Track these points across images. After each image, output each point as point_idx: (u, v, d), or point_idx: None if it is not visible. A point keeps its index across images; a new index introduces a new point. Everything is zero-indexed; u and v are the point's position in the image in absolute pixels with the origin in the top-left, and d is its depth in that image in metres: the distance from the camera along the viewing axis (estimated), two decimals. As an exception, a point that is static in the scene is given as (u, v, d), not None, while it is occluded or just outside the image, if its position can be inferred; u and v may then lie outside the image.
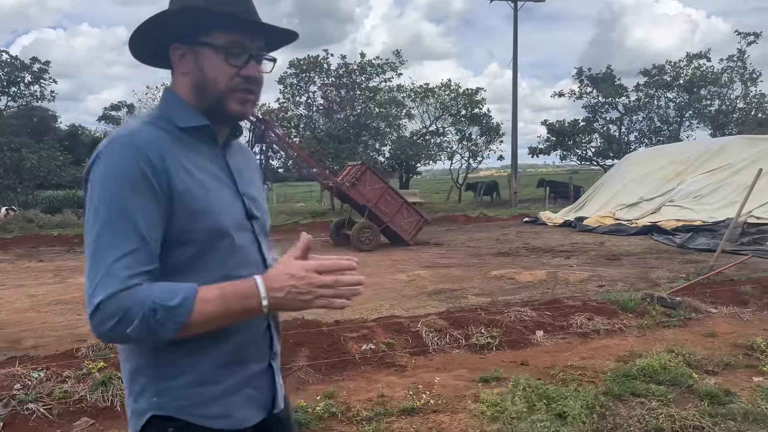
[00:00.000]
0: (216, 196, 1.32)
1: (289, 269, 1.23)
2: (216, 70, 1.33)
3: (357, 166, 13.88)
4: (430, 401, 4.05)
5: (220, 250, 1.31)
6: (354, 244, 13.29)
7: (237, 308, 1.21)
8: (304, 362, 4.84)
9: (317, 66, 28.52)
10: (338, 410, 3.94)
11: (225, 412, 1.34)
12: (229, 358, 1.33)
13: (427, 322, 5.68)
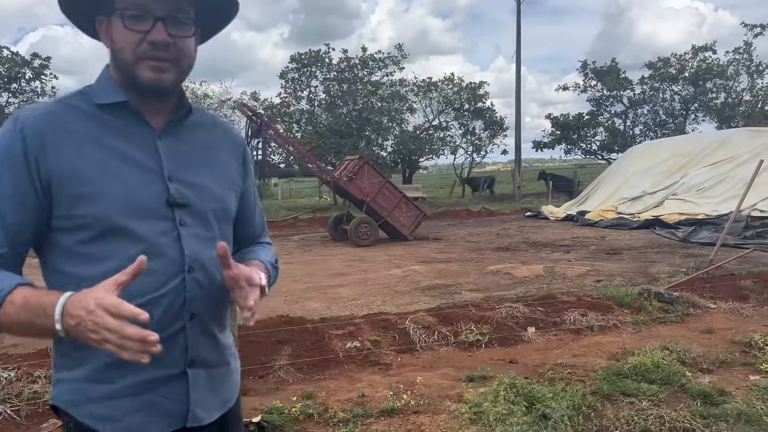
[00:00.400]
0: (117, 179, 1.21)
1: (84, 298, 1.06)
2: (122, 38, 1.23)
3: (355, 160, 13.74)
4: (411, 402, 3.91)
5: (119, 238, 1.20)
6: (352, 240, 13.17)
7: (36, 323, 1.10)
8: (285, 361, 4.71)
9: (319, 60, 28.35)
10: (315, 411, 3.81)
11: (111, 415, 1.23)
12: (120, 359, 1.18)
13: (416, 318, 5.54)
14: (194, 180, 1.31)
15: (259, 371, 4.58)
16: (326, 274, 9.52)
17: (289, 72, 28.81)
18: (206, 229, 1.32)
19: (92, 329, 1.03)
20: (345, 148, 25.26)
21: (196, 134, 1.37)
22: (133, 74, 1.23)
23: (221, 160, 1.41)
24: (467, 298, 7.19)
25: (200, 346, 1.32)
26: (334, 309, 6.86)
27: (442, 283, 8.37)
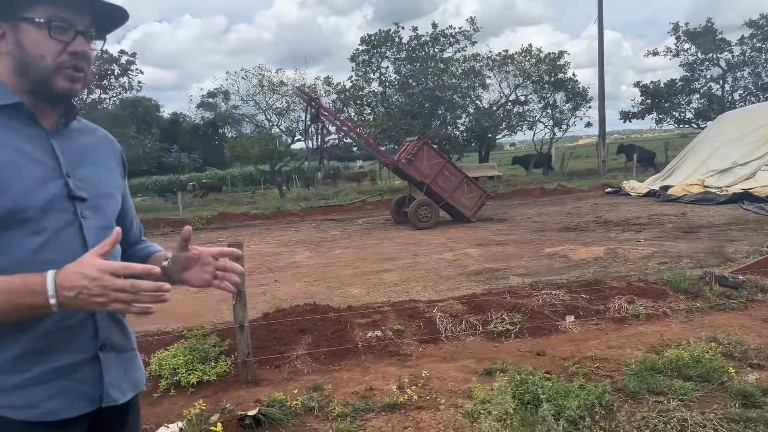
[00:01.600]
0: (18, 174, 1.27)
1: (82, 268, 1.17)
2: (41, 47, 1.29)
3: (413, 141, 13.52)
4: (415, 396, 3.76)
5: (21, 231, 1.26)
6: (412, 222, 13.03)
7: (22, 303, 1.17)
8: (303, 351, 4.69)
9: (388, 40, 28.11)
10: (317, 405, 3.75)
11: (26, 403, 1.27)
12: (33, 347, 1.27)
13: (444, 307, 5.35)
14: (88, 177, 1.40)
15: (275, 361, 4.58)
16: (376, 258, 9.46)
17: (360, 54, 28.79)
18: (104, 222, 1.41)
19: (98, 293, 1.14)
20: (416, 129, 25.00)
21: (80, 137, 1.45)
22: (48, 82, 1.31)
23: (105, 161, 1.51)
24: (513, 284, 6.89)
25: (109, 330, 1.40)
26: (373, 295, 6.78)
27: (491, 267, 8.08)
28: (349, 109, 28.54)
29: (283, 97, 27.47)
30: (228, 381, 4.32)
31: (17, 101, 1.31)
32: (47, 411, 1.29)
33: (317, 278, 8.20)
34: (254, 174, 36.79)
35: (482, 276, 7.54)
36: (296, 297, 6.92)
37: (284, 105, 27.85)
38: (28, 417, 1.28)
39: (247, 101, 28.53)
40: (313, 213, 18.53)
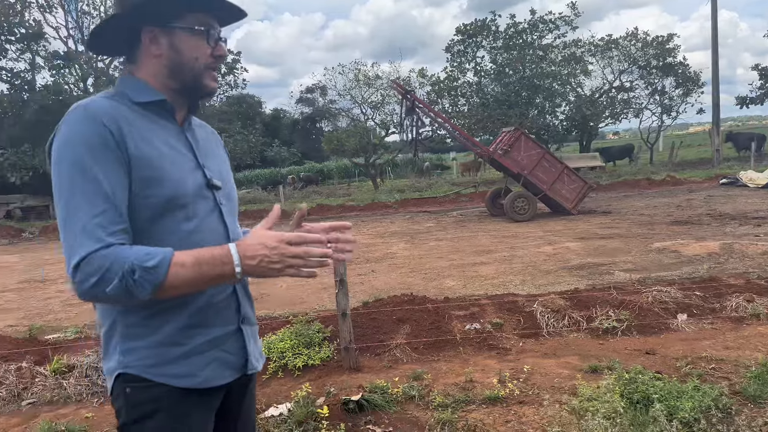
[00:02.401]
0: (174, 165, 1.38)
1: (262, 239, 1.29)
2: (196, 51, 1.43)
3: (510, 132, 13.22)
4: (516, 391, 3.72)
5: (176, 217, 1.37)
6: (508, 215, 12.78)
7: (211, 274, 1.28)
8: (402, 340, 4.75)
9: (485, 29, 27.62)
10: (417, 393, 3.80)
11: (188, 372, 1.40)
12: (191, 321, 1.40)
13: (546, 301, 5.23)
14: (214, 168, 1.53)
15: (376, 349, 4.68)
16: (472, 251, 9.37)
17: (455, 45, 28.49)
18: (233, 209, 1.57)
19: (277, 260, 1.28)
20: (513, 119, 24.44)
21: (198, 129, 1.58)
22: (198, 81, 1.45)
23: (220, 153, 1.64)
24: (619, 279, 6.60)
25: (246, 306, 1.55)
26: (469, 288, 6.74)
27: (594, 262, 7.79)
28: (443, 100, 28.37)
29: (378, 90, 27.78)
30: (331, 366, 4.47)
31: (162, 98, 1.43)
32: (204, 379, 1.43)
33: (413, 269, 8.26)
34: (349, 166, 37.48)
35: (584, 271, 7.28)
36: (393, 287, 7.02)
37: (379, 98, 28.18)
38: (189, 384, 1.40)
39: (343, 95, 29.13)
40: (407, 205, 18.64)
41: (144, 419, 1.39)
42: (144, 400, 1.38)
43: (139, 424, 1.39)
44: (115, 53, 1.57)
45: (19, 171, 23.38)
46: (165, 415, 1.39)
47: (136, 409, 1.39)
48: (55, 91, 24.76)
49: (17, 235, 18.31)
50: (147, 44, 1.41)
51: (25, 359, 4.68)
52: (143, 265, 1.23)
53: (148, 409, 1.38)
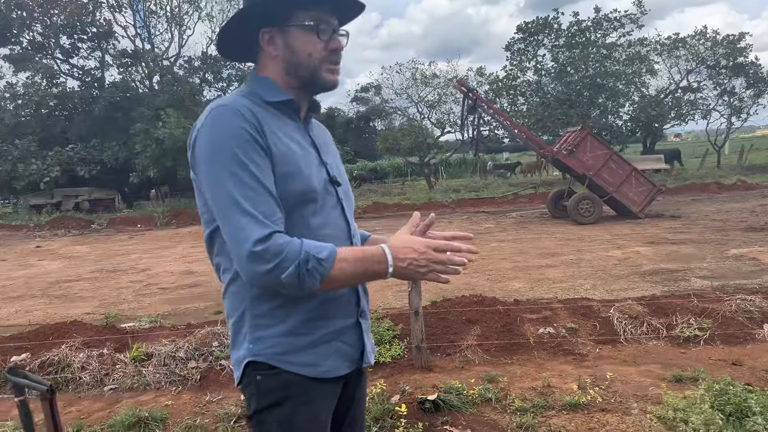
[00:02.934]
0: (304, 161, 1.43)
1: (411, 243, 1.35)
2: (309, 46, 1.44)
3: (576, 132, 12.88)
4: (599, 398, 3.59)
5: (306, 211, 1.41)
6: (572, 217, 12.46)
7: (368, 271, 1.34)
8: (473, 341, 4.68)
9: (547, 27, 27.08)
10: (494, 396, 3.72)
11: (313, 361, 1.45)
12: (315, 313, 1.44)
13: (622, 307, 5.06)
14: (334, 164, 1.56)
15: (446, 349, 4.62)
16: (537, 253, 9.18)
17: (515, 43, 28.05)
18: (352, 204, 1.60)
19: (423, 265, 1.34)
20: (574, 118, 23.88)
21: (316, 127, 1.61)
22: (316, 76, 1.46)
23: (335, 150, 1.65)
24: (695, 287, 6.33)
25: (363, 300, 1.58)
26: (537, 291, 6.60)
27: (668, 268, 7.49)
28: (501, 99, 27.98)
29: (435, 89, 27.64)
30: (401, 364, 4.44)
31: (290, 98, 1.47)
32: (327, 369, 1.47)
33: (476, 270, 8.15)
34: (401, 165, 37.48)
35: (658, 276, 7.02)
36: (457, 287, 6.94)
37: (436, 97, 28.04)
38: (315, 374, 1.44)
39: (400, 94, 29.12)
40: (464, 205, 18.47)
41: (275, 406, 1.43)
42: (274, 388, 1.43)
43: (271, 410, 1.44)
44: (242, 59, 1.61)
45: (88, 165, 24.42)
46: (294, 402, 1.44)
47: (268, 396, 1.43)
48: (123, 88, 25.74)
49: (87, 226, 19.10)
50: (265, 46, 1.46)
51: (105, 346, 4.84)
52: (316, 256, 1.29)
53: (279, 396, 1.43)
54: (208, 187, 1.35)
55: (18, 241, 16.90)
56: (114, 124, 24.22)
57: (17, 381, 2.07)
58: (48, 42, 26.08)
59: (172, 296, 7.73)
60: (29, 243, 16.03)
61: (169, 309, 6.92)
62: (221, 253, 1.45)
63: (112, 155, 24.00)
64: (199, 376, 4.36)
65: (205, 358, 4.54)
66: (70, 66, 27.22)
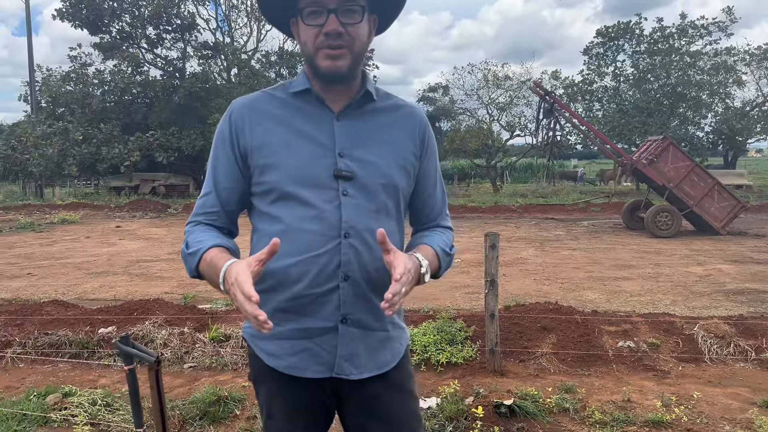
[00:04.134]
0: (293, 153, 1.40)
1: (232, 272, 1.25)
2: (304, 34, 1.40)
3: (658, 141, 12.39)
4: (684, 418, 3.45)
5: (291, 202, 1.40)
6: (649, 229, 12.01)
7: (214, 280, 1.34)
8: (548, 349, 4.59)
9: (628, 32, 26.19)
10: (572, 407, 3.64)
11: (276, 352, 1.46)
12: (285, 306, 1.42)
13: (707, 326, 4.84)
14: (363, 157, 1.43)
15: (520, 355, 4.55)
16: (611, 264, 8.90)
17: (594, 47, 27.28)
18: (369, 201, 1.43)
19: (232, 298, 1.25)
20: (652, 127, 23.00)
21: (374, 117, 1.48)
22: (314, 64, 1.40)
23: (395, 140, 1.49)
24: (786, 309, 5.98)
25: (354, 306, 1.43)
26: (614, 303, 6.40)
27: (754, 288, 7.11)
28: (576, 104, 27.29)
29: (507, 91, 27.25)
30: (474, 366, 4.41)
31: (306, 87, 1.45)
32: (289, 365, 1.45)
33: (547, 277, 7.99)
34: (465, 167, 37.16)
35: (744, 296, 6.67)
36: (528, 293, 6.83)
37: (507, 99, 27.63)
38: (276, 365, 1.46)
39: (470, 95, 28.87)
40: (531, 210, 18.12)
41: (255, 381, 1.57)
42: (254, 366, 1.55)
43: (255, 384, 1.58)
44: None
45: (166, 151, 25.42)
46: (266, 388, 1.52)
47: (253, 370, 1.57)
48: (203, 79, 26.67)
49: (163, 210, 19.93)
50: (294, 35, 1.47)
51: (186, 325, 5.03)
52: (186, 250, 1.43)
53: (255, 375, 1.56)
54: None
55: (99, 220, 17.82)
56: (192, 113, 25.14)
57: (127, 350, 2.18)
58: (135, 32, 27.32)
59: (245, 281, 7.93)
60: (110, 223, 16.87)
61: (243, 293, 7.10)
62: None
63: (189, 143, 24.92)
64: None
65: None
66: (154, 56, 28.43)
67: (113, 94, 27.21)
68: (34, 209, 20.19)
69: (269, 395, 1.52)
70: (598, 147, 14.15)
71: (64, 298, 6.45)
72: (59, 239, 13.16)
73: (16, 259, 10.18)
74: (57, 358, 4.74)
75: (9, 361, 4.72)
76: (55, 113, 27.03)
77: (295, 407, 1.49)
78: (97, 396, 3.82)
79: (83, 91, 26.84)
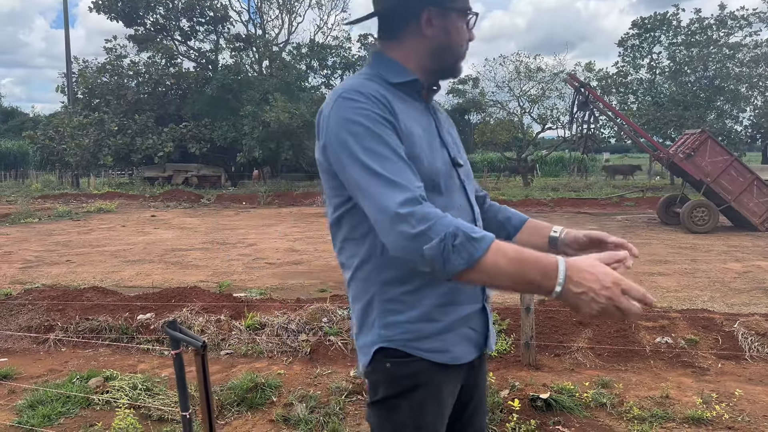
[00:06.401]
0: (427, 143, 1.39)
1: (596, 271, 1.16)
2: (462, 35, 1.45)
3: (695, 134, 12.11)
4: (725, 415, 3.39)
5: (431, 193, 1.34)
6: (685, 225, 11.77)
7: (527, 278, 1.18)
8: (584, 344, 4.54)
9: (665, 23, 25.60)
10: (609, 402, 3.60)
11: (443, 347, 1.40)
12: (445, 299, 1.39)
13: (748, 323, 4.73)
14: (454, 144, 1.52)
15: (555, 349, 4.52)
16: (647, 259, 8.75)
17: (629, 39, 26.76)
18: (474, 186, 1.57)
19: (601, 302, 1.14)
20: (688, 121, 22.50)
21: (438, 112, 1.56)
22: (457, 65, 1.48)
23: (455, 133, 1.60)
24: (830, 308, 5.81)
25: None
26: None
27: (795, 285, 6.93)
28: (610, 97, 26.83)
29: (539, 83, 26.91)
30: (508, 359, 4.39)
31: (415, 78, 1.43)
32: (456, 355, 1.42)
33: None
34: (494, 160, 36.89)
35: (785, 294, 6.50)
36: (561, 288, 6.76)
37: (539, 92, 27.31)
38: (444, 360, 1.40)
39: (501, 87, 28.61)
40: (563, 204, 17.92)
41: (404, 393, 1.39)
42: (405, 375, 1.38)
43: (400, 398, 1.39)
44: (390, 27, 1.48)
45: (199, 142, 25.81)
46: (424, 389, 1.39)
47: (397, 383, 1.39)
48: (235, 71, 26.97)
49: (196, 200, 20.25)
50: (423, 24, 1.40)
51: (222, 312, 5.11)
52: (468, 234, 1.17)
53: (410, 383, 1.38)
54: (341, 168, 1.30)
55: (134, 209, 18.20)
56: (225, 104, 25.45)
57: (175, 335, 2.22)
58: (169, 24, 27.75)
59: (278, 271, 8.06)
60: (145, 212, 17.21)
61: (276, 283, 7.21)
62: (350, 237, 1.41)
63: (221, 134, 25.25)
64: (309, 348, 4.52)
65: (315, 332, 4.69)
66: (187, 48, 28.85)
67: (147, 85, 27.70)
68: (71, 198, 20.72)
69: (421, 404, 1.40)
70: (633, 140, 13.90)
71: (102, 285, 6.61)
72: (96, 227, 13.48)
73: (56, 247, 10.46)
74: (98, 342, 4.88)
75: (52, 345, 4.86)
76: (91, 104, 27.64)
77: (451, 396, 1.47)
78: (137, 380, 3.91)
79: (118, 82, 27.39)
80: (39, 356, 4.69)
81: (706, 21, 25.51)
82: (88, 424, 3.41)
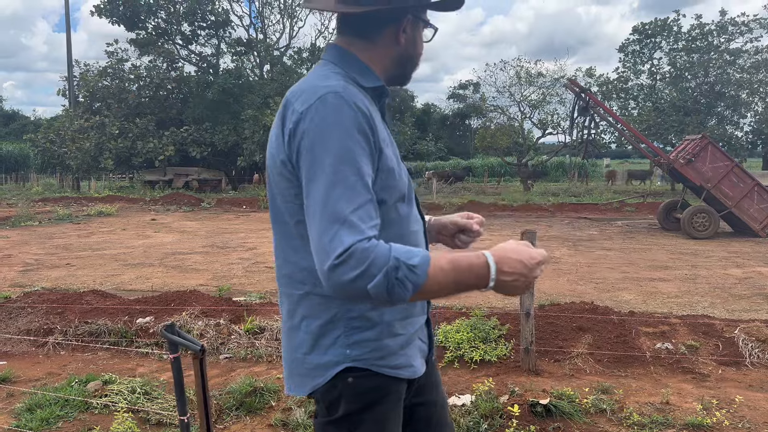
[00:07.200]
0: (394, 154, 1.36)
1: (521, 254, 1.20)
2: (421, 47, 1.45)
3: (696, 140, 12.11)
4: (726, 422, 3.38)
5: (401, 208, 1.35)
6: (685, 230, 11.77)
7: (465, 284, 1.19)
8: (583, 350, 4.53)
9: (665, 29, 25.65)
10: (609, 407, 3.59)
11: (406, 362, 1.39)
12: (405, 312, 1.38)
13: (749, 329, 4.72)
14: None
15: (555, 354, 4.51)
16: (647, 265, 8.75)
17: (630, 44, 26.81)
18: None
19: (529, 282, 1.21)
20: (689, 127, 22.52)
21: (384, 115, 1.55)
22: (411, 74, 1.48)
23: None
24: (831, 314, 5.80)
25: None
26: (650, 304, 6.29)
27: (796, 291, 6.92)
28: (611, 102, 26.87)
29: (540, 88, 26.95)
30: (507, 364, 4.38)
31: (382, 84, 1.40)
32: (417, 368, 1.42)
33: (581, 277, 7.89)
34: (495, 165, 36.93)
35: (786, 300, 6.49)
36: (562, 293, 6.75)
37: (540, 97, 27.34)
38: (408, 375, 1.39)
39: (502, 92, 28.65)
40: (564, 209, 17.91)
41: (368, 407, 1.34)
42: (368, 388, 1.33)
43: (364, 412, 1.34)
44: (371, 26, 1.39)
45: (200, 146, 25.83)
46: (386, 401, 1.36)
47: (360, 397, 1.33)
48: (236, 75, 26.99)
49: (196, 204, 20.25)
50: (400, 30, 1.36)
51: (221, 316, 5.10)
52: (407, 262, 1.12)
53: (372, 397, 1.34)
54: (306, 175, 1.20)
55: (135, 212, 18.20)
56: (226, 109, 25.48)
57: (173, 339, 2.22)
58: (170, 28, 27.81)
59: (277, 276, 8.02)
60: (145, 215, 17.21)
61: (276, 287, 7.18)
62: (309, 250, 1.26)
63: (222, 138, 25.27)
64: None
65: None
66: (188, 52, 28.90)
67: (148, 89, 27.74)
68: (71, 201, 20.74)
69: (385, 416, 1.37)
70: (634, 145, 13.90)
71: (102, 288, 6.61)
72: (96, 231, 13.49)
73: (56, 250, 10.46)
74: (97, 345, 4.87)
75: (51, 348, 4.86)
76: (92, 108, 27.69)
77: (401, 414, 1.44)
78: (136, 384, 3.90)
79: (119, 86, 27.44)
80: (38, 359, 4.68)
81: (707, 27, 25.57)
82: (87, 428, 3.40)
